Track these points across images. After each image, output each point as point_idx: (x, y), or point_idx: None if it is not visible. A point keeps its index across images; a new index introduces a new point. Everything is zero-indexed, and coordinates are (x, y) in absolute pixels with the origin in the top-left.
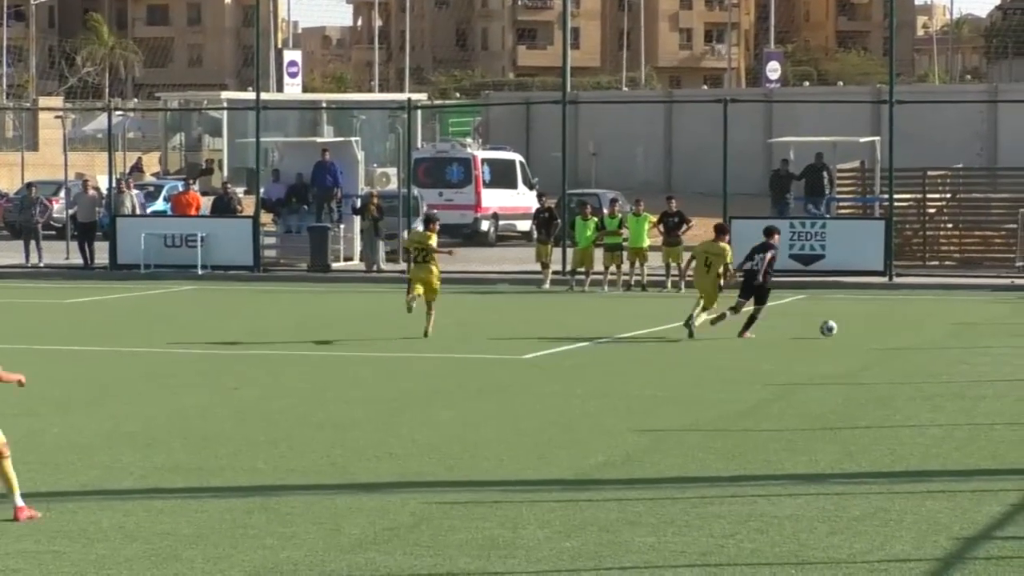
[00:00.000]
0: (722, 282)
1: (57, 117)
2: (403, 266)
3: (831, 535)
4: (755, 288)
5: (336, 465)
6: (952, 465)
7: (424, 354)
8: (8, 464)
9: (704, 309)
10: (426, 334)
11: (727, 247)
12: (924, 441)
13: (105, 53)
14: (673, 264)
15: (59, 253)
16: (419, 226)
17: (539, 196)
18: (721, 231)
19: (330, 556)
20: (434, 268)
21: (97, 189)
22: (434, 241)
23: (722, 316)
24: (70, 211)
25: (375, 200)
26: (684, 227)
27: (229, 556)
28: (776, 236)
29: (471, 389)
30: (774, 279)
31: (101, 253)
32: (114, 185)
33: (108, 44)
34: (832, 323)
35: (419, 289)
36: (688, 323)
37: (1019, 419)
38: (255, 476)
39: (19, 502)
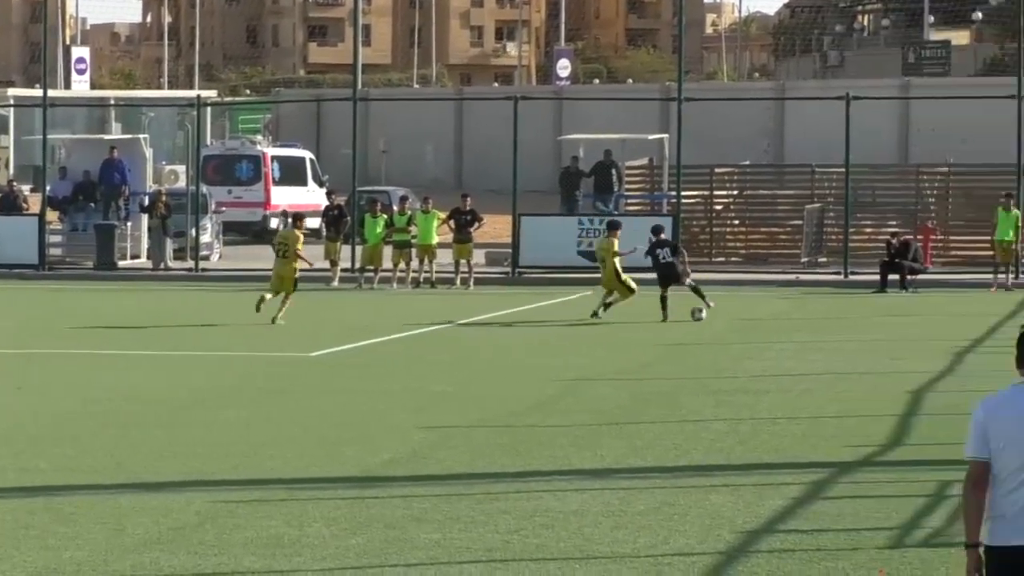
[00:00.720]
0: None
1: None
2: (190, 264)
3: (616, 530)
4: (672, 277)
5: (120, 465)
6: (735, 459)
7: (210, 352)
8: None
9: (611, 301)
10: (274, 320)
11: (614, 242)
12: (708, 436)
13: None
14: (463, 261)
15: None
16: None
17: (329, 193)
18: (611, 227)
19: (113, 556)
20: (293, 265)
21: None
22: (298, 239)
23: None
24: None
25: (163, 198)
26: (476, 225)
27: (11, 557)
28: (662, 234)
29: (257, 387)
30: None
31: None
32: None
33: None
34: (703, 312)
35: (269, 294)
36: (595, 314)
37: (801, 413)
38: (37, 476)
39: None
